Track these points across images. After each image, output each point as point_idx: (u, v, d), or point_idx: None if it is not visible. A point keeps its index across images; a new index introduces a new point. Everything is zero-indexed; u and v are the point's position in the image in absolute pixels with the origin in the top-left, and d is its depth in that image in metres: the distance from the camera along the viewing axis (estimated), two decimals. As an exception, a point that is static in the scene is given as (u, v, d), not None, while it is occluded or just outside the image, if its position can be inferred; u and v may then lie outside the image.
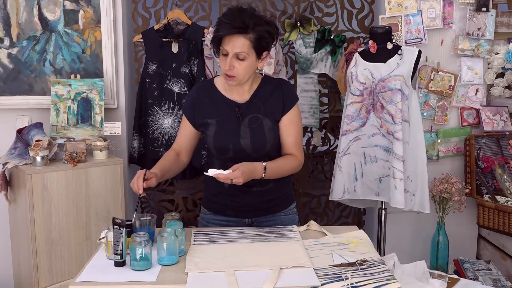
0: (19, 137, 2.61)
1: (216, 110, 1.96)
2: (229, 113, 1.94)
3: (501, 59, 2.95)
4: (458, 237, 3.11)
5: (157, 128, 2.94)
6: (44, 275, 2.46)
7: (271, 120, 1.94)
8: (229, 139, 1.93)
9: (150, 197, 3.39)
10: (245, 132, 1.92)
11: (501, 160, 2.97)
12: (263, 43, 1.84)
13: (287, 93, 1.98)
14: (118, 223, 1.59)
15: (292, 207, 2.10)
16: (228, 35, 1.80)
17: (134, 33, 3.11)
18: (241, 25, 1.78)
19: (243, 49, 1.80)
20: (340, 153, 2.76)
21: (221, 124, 1.94)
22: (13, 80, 2.83)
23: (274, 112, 1.95)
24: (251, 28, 1.79)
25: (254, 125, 1.92)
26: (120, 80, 2.93)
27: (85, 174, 2.52)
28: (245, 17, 1.79)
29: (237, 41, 1.79)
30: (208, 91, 1.99)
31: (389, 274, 1.53)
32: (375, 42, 2.69)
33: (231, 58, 1.82)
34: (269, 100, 1.95)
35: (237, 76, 1.85)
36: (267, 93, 1.96)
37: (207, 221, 2.08)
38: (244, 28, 1.78)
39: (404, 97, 2.60)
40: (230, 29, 1.79)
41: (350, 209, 3.40)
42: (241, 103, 1.94)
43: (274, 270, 1.52)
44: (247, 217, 2.03)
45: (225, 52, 1.83)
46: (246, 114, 1.93)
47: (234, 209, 2.02)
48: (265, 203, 2.01)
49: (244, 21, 1.79)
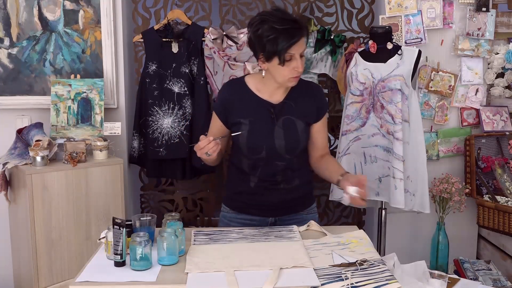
0: (19, 137, 2.61)
1: (249, 110, 1.94)
2: (263, 113, 1.93)
3: (501, 59, 2.96)
4: (458, 237, 3.11)
5: (157, 128, 2.94)
6: (44, 275, 2.46)
7: (303, 122, 1.95)
8: (263, 139, 1.92)
9: (150, 197, 3.39)
10: (279, 133, 1.92)
11: (501, 160, 2.97)
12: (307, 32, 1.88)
13: (320, 100, 2.01)
14: (118, 223, 1.59)
15: (313, 206, 2.12)
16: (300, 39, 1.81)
17: (134, 33, 3.11)
18: (299, 25, 1.80)
19: (305, 44, 1.84)
20: (340, 153, 2.76)
21: (255, 124, 1.93)
22: (13, 80, 2.83)
23: (307, 115, 1.96)
24: (302, 23, 1.82)
25: (288, 126, 1.93)
26: (120, 80, 2.93)
27: (85, 174, 2.52)
28: (292, 17, 1.83)
29: (302, 40, 1.81)
30: (240, 90, 1.97)
31: (389, 274, 1.53)
32: (375, 42, 2.68)
33: (299, 59, 1.82)
34: (302, 102, 1.96)
35: (300, 74, 1.87)
36: (300, 95, 1.96)
37: (229, 220, 2.07)
38: (302, 26, 1.81)
39: (404, 97, 2.60)
40: (301, 32, 1.80)
41: (350, 209, 3.40)
42: (275, 103, 1.94)
43: (274, 270, 1.52)
44: (271, 216, 2.04)
45: (289, 58, 1.81)
46: (280, 115, 1.93)
47: (258, 208, 2.03)
48: (289, 201, 2.03)
49: (296, 20, 1.81)
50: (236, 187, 2.06)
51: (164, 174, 3.09)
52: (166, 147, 2.92)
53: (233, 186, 2.09)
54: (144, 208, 3.38)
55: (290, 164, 1.97)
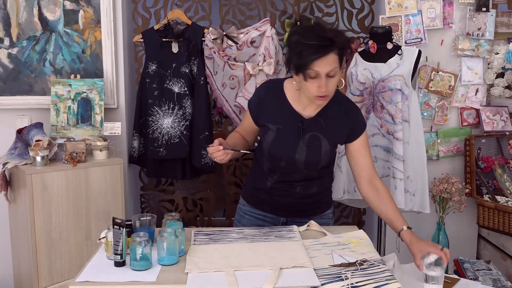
0: (19, 137, 2.61)
1: (279, 116, 1.91)
2: (291, 124, 1.90)
3: (501, 59, 2.95)
4: (458, 237, 3.11)
5: (157, 128, 2.94)
6: (44, 275, 2.46)
7: (330, 143, 1.91)
8: (284, 151, 1.91)
9: (150, 197, 3.39)
10: (302, 149, 1.89)
11: (501, 160, 2.97)
12: (345, 53, 1.78)
13: (356, 121, 1.93)
14: (118, 223, 1.59)
15: (328, 212, 2.10)
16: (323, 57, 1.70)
17: (134, 33, 3.11)
18: (329, 42, 1.70)
19: (334, 65, 1.72)
20: (340, 153, 2.76)
21: (281, 133, 1.91)
22: (13, 80, 2.83)
23: (337, 136, 1.92)
24: (336, 41, 1.71)
25: (312, 144, 1.89)
26: (120, 80, 2.93)
27: (85, 174, 2.52)
28: (326, 33, 1.72)
29: (328, 59, 1.71)
30: (276, 94, 1.93)
31: (389, 274, 1.53)
32: (375, 42, 2.68)
33: (325, 79, 1.73)
34: (334, 122, 1.91)
35: (329, 94, 1.78)
36: (334, 114, 1.91)
37: (244, 213, 2.10)
38: (332, 44, 1.70)
39: (404, 97, 2.60)
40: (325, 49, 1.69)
41: (350, 209, 3.40)
42: (306, 117, 1.90)
43: (274, 270, 1.52)
44: (283, 216, 2.05)
45: (313, 75, 1.73)
46: (308, 131, 1.90)
47: (272, 206, 2.04)
48: (303, 205, 2.03)
49: (329, 37, 1.71)
50: (254, 183, 2.07)
51: (164, 174, 3.10)
52: (166, 147, 2.92)
53: (252, 181, 2.10)
54: (144, 208, 3.38)
55: (309, 176, 1.97)
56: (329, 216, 2.11)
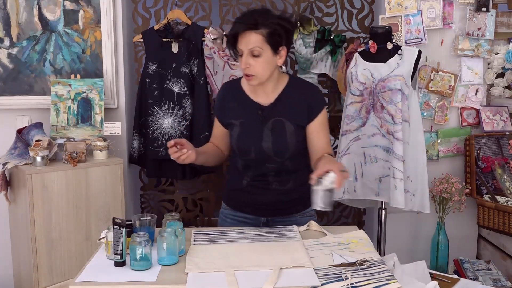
0: (19, 137, 2.61)
1: (240, 111, 1.96)
2: (252, 115, 1.94)
3: (501, 59, 2.95)
4: (458, 237, 3.11)
5: (157, 128, 2.94)
6: (44, 275, 2.46)
7: (293, 124, 1.92)
8: (251, 141, 1.93)
9: (150, 197, 3.39)
10: (267, 135, 1.91)
11: (501, 160, 2.97)
12: (276, 36, 1.82)
13: (313, 99, 1.95)
14: (118, 223, 1.59)
15: (310, 209, 2.08)
16: (241, 33, 1.81)
17: (134, 33, 3.11)
18: (251, 21, 1.80)
19: (256, 44, 1.80)
20: (340, 153, 2.76)
21: (245, 126, 1.94)
22: (13, 80, 2.83)
23: (298, 117, 1.93)
24: (261, 23, 1.80)
25: (276, 128, 1.91)
26: (120, 80, 2.93)
27: (85, 174, 2.52)
28: (255, 15, 1.82)
29: (249, 37, 1.80)
30: (234, 91, 1.99)
31: (389, 274, 1.53)
32: (375, 42, 2.68)
33: (246, 56, 1.82)
34: (294, 104, 1.93)
35: (255, 74, 1.84)
36: (293, 96, 1.94)
37: (226, 216, 2.10)
38: (255, 24, 1.80)
39: (404, 97, 2.60)
40: (241, 26, 1.81)
41: (350, 209, 3.40)
42: (265, 105, 1.93)
43: (274, 270, 1.52)
44: (263, 216, 2.04)
45: (240, 52, 1.83)
46: (270, 117, 1.92)
47: (251, 207, 2.04)
48: (282, 203, 2.02)
49: (255, 18, 1.81)
50: (232, 185, 2.09)
51: (164, 174, 3.09)
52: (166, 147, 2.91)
53: (230, 183, 2.11)
54: (144, 208, 3.38)
55: (283, 166, 1.96)
56: (312, 214, 2.09)
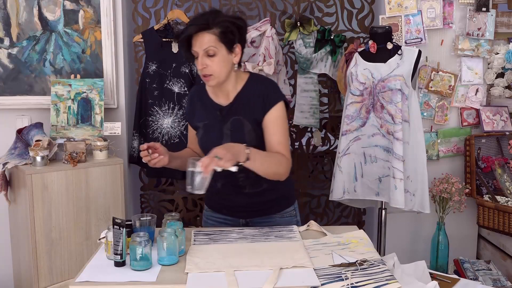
0: (19, 137, 2.61)
1: (204, 113, 1.98)
2: (214, 116, 1.95)
3: (501, 59, 2.95)
4: (458, 237, 3.11)
5: (157, 128, 2.94)
6: (44, 275, 2.46)
7: (250, 121, 1.90)
8: (213, 142, 1.89)
9: (150, 197, 3.39)
10: (227, 135, 1.91)
11: (501, 160, 2.97)
12: (229, 34, 1.83)
13: (269, 93, 1.91)
14: (118, 223, 1.59)
15: (290, 210, 2.06)
16: (194, 35, 1.81)
17: (134, 33, 3.11)
18: (202, 22, 1.81)
19: (210, 43, 1.80)
20: (340, 153, 2.76)
21: (207, 127, 1.97)
22: (13, 80, 2.83)
23: (255, 113, 1.90)
24: (212, 22, 1.80)
25: (234, 128, 1.91)
26: (120, 80, 2.93)
27: (85, 174, 2.52)
28: (206, 15, 1.83)
29: (202, 38, 1.80)
30: (200, 95, 2.01)
31: (389, 274, 1.53)
32: (375, 42, 2.69)
33: (201, 57, 1.82)
34: (251, 101, 1.91)
35: (213, 73, 1.84)
36: (251, 94, 1.92)
37: (207, 218, 2.12)
38: (206, 24, 1.80)
39: (404, 97, 2.60)
40: (193, 28, 1.81)
41: (350, 209, 3.40)
42: (224, 105, 1.94)
43: (274, 270, 1.52)
44: (241, 217, 2.04)
45: (196, 54, 1.84)
46: (229, 117, 1.92)
47: (229, 209, 2.04)
48: (258, 204, 2.00)
49: (205, 18, 1.81)
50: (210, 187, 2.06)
51: (164, 174, 3.09)
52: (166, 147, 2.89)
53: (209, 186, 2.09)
54: (144, 208, 3.38)
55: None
56: (292, 214, 2.07)
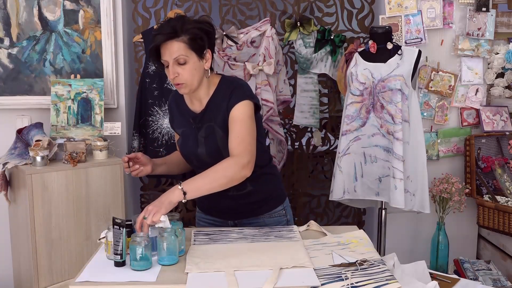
0: (19, 137, 2.61)
1: (181, 120, 1.99)
2: (189, 124, 1.95)
3: (501, 59, 2.95)
4: (458, 237, 3.11)
5: (157, 128, 2.94)
6: (44, 275, 2.46)
7: (220, 127, 1.87)
8: (190, 150, 1.95)
9: (150, 197, 3.39)
10: (201, 142, 1.91)
11: (501, 160, 2.97)
12: (199, 41, 1.80)
13: (232, 94, 1.85)
14: (118, 223, 1.60)
15: (278, 209, 2.04)
16: (162, 45, 1.78)
17: (134, 33, 3.11)
18: (170, 30, 1.77)
19: (180, 52, 1.77)
20: (340, 153, 2.76)
21: (184, 134, 1.97)
22: (13, 80, 2.83)
23: (222, 116, 1.87)
24: (181, 30, 1.77)
25: (208, 134, 1.90)
26: (120, 80, 2.93)
27: (85, 174, 2.52)
28: (173, 23, 1.78)
29: (172, 46, 1.77)
30: (177, 101, 2.01)
31: (389, 274, 1.53)
32: (375, 42, 2.69)
33: (172, 66, 1.79)
34: (219, 106, 1.88)
35: (185, 82, 1.81)
36: (220, 99, 1.88)
37: (199, 219, 2.14)
38: (174, 32, 1.77)
39: (404, 97, 2.60)
40: (161, 37, 1.77)
41: (350, 209, 3.40)
42: (197, 112, 1.93)
43: (274, 270, 1.52)
44: (229, 219, 2.04)
45: (166, 64, 1.81)
46: (203, 124, 1.91)
47: (217, 211, 2.05)
48: (244, 206, 2.00)
49: (172, 26, 1.77)
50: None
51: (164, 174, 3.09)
52: (166, 147, 2.92)
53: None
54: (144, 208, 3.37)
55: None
56: (281, 214, 2.05)
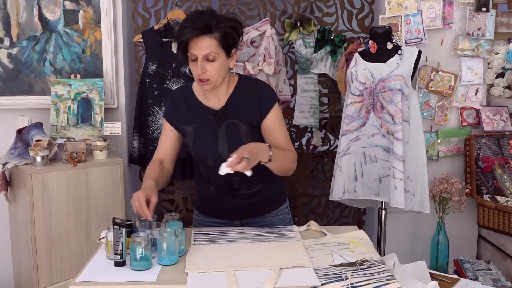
0: (19, 137, 2.61)
1: (192, 117, 1.92)
2: (205, 120, 1.90)
3: (501, 59, 2.96)
4: (458, 237, 3.11)
5: (157, 128, 2.94)
6: (44, 275, 2.46)
7: (246, 124, 1.88)
8: (207, 147, 1.89)
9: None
10: (222, 139, 1.88)
11: (501, 160, 2.97)
12: (230, 40, 1.79)
13: (263, 96, 1.88)
14: (118, 223, 1.59)
15: (283, 207, 2.06)
16: (193, 39, 1.74)
17: (134, 33, 3.11)
18: (203, 25, 1.73)
19: (211, 49, 1.75)
20: (340, 153, 2.76)
21: (198, 131, 1.91)
22: (13, 80, 2.83)
23: (250, 116, 1.88)
24: (215, 27, 1.74)
25: (230, 131, 1.87)
26: (120, 80, 2.93)
27: (85, 174, 2.52)
28: (206, 18, 1.74)
29: (203, 42, 1.74)
30: (185, 97, 1.95)
31: (389, 274, 1.53)
32: (375, 42, 2.69)
33: (201, 62, 1.76)
34: (245, 104, 1.88)
35: (210, 78, 1.79)
36: (243, 96, 1.89)
37: (199, 223, 2.09)
38: (208, 28, 1.73)
39: (404, 97, 2.60)
40: (193, 31, 1.73)
41: (350, 209, 3.40)
42: (217, 109, 1.89)
43: (274, 270, 1.52)
44: (236, 219, 2.03)
45: (193, 57, 1.77)
46: (223, 120, 1.88)
47: (223, 212, 2.02)
48: (253, 205, 2.00)
49: (206, 21, 1.73)
50: (202, 192, 2.05)
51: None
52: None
53: (199, 191, 2.08)
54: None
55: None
56: (285, 211, 2.06)
